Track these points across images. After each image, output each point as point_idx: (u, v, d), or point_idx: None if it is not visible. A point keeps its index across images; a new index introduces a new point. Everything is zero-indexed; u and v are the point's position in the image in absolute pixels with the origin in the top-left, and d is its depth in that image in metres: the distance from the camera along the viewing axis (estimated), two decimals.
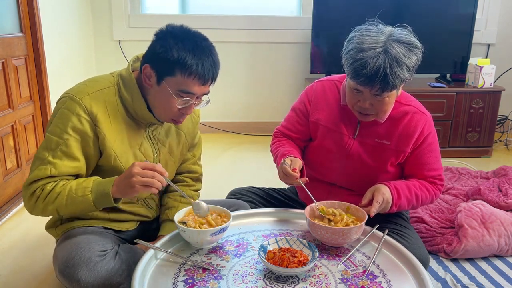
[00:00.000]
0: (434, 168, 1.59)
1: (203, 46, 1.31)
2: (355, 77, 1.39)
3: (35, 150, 2.66)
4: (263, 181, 1.75)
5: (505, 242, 1.90)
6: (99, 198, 1.30)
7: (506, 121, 3.76)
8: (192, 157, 1.66)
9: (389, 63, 1.35)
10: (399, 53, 1.37)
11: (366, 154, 1.58)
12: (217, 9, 3.76)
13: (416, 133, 1.55)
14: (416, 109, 1.57)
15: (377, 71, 1.35)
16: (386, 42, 1.38)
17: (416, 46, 1.42)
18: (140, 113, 1.39)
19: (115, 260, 1.35)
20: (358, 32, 1.44)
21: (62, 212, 1.34)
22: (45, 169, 1.31)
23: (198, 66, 1.28)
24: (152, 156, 1.48)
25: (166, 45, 1.28)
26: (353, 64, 1.39)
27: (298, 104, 1.71)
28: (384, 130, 1.55)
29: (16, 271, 1.81)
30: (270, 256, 1.24)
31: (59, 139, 1.31)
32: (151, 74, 1.33)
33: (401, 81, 1.40)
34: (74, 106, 1.32)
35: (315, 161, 1.68)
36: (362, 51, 1.38)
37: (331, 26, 3.34)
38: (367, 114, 1.48)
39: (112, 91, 1.38)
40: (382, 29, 1.43)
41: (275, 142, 1.72)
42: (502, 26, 3.70)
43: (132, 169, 1.24)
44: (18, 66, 2.48)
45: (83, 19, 3.48)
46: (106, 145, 1.35)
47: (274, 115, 3.83)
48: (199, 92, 1.34)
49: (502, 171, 2.63)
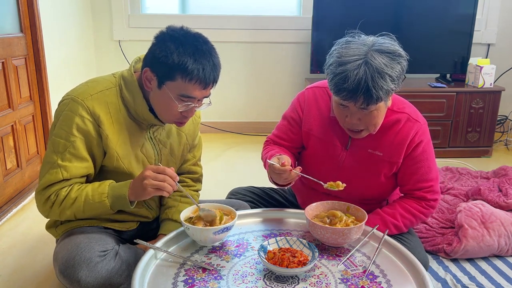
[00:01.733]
0: (426, 178, 1.53)
1: (203, 49, 1.30)
2: (337, 92, 1.34)
3: (35, 150, 2.67)
4: (263, 181, 1.75)
5: (505, 242, 1.90)
6: (115, 202, 1.33)
7: (506, 121, 3.76)
8: (192, 158, 1.66)
9: (370, 74, 1.29)
10: (381, 63, 1.31)
11: (359, 165, 1.53)
12: (217, 9, 3.76)
13: (407, 142, 1.49)
14: (409, 116, 1.51)
15: (358, 84, 1.29)
16: (367, 53, 1.32)
17: (399, 55, 1.35)
18: (141, 114, 1.39)
19: (115, 260, 1.35)
20: (338, 45, 1.39)
21: (79, 216, 1.37)
22: (56, 173, 1.32)
23: (199, 71, 1.28)
24: (153, 157, 1.48)
25: (166, 50, 1.27)
26: (334, 79, 1.34)
27: (290, 112, 1.66)
28: (377, 141, 1.51)
29: (16, 271, 1.81)
30: (270, 256, 1.24)
31: (66, 141, 1.32)
32: (151, 78, 1.32)
33: (386, 92, 1.33)
34: (76, 108, 1.32)
35: (308, 170, 1.63)
36: (342, 64, 1.32)
37: (331, 26, 3.34)
38: (357, 131, 1.44)
39: (114, 92, 1.38)
40: (364, 40, 1.38)
41: (264, 149, 1.67)
42: (502, 26, 3.70)
43: (145, 172, 1.27)
44: (18, 66, 2.48)
45: (83, 19, 3.48)
46: (109, 145, 1.36)
47: (274, 115, 3.83)
48: (200, 96, 1.34)
49: (502, 171, 2.63)
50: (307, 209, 1.41)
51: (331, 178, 1.56)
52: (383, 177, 1.55)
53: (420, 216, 1.56)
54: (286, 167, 1.39)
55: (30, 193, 2.50)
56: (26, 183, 2.55)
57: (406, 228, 1.56)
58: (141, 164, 1.46)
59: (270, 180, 1.52)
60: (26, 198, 2.46)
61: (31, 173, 2.60)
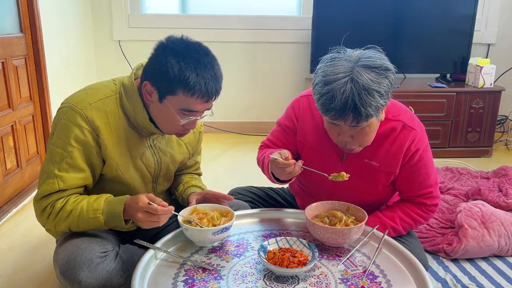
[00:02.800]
0: (425, 185, 1.51)
1: (205, 62, 1.27)
2: (325, 112, 1.31)
3: (35, 150, 2.67)
4: (263, 181, 1.75)
5: (505, 242, 1.89)
6: (110, 219, 1.31)
7: (506, 121, 3.76)
8: (195, 163, 1.68)
9: (357, 92, 1.24)
10: (368, 79, 1.25)
11: (356, 176, 1.48)
12: (217, 9, 3.76)
13: (403, 151, 1.46)
14: (404, 124, 1.46)
15: (345, 103, 1.24)
16: (353, 70, 1.27)
17: (386, 69, 1.29)
18: (141, 123, 1.37)
19: (115, 261, 1.35)
20: (323, 63, 1.33)
21: (74, 229, 1.35)
22: (52, 183, 1.31)
23: (201, 86, 1.25)
24: (153, 166, 1.47)
25: (167, 64, 1.24)
26: (321, 99, 1.29)
27: (285, 120, 1.62)
28: (372, 151, 1.47)
29: (17, 271, 1.81)
30: (270, 256, 1.24)
31: (63, 151, 1.31)
32: (152, 92, 1.30)
33: (376, 108, 1.28)
34: (75, 117, 1.30)
35: (305, 180, 1.63)
36: (327, 83, 1.27)
37: (331, 26, 3.34)
38: (351, 148, 1.41)
39: (114, 100, 1.36)
40: (349, 55, 1.32)
41: (260, 152, 1.65)
42: (502, 26, 3.70)
43: (137, 214, 1.26)
44: (18, 66, 2.48)
45: (83, 19, 3.47)
46: (108, 155, 1.35)
47: (274, 115, 3.80)
48: (202, 109, 1.32)
49: (502, 171, 2.63)
50: (307, 209, 1.41)
51: (327, 189, 1.56)
52: (380, 186, 1.53)
53: (419, 220, 1.55)
54: (290, 160, 1.36)
55: (30, 193, 2.50)
56: (26, 183, 2.55)
57: (405, 231, 1.56)
58: (139, 173, 1.45)
59: (271, 178, 1.50)
60: (26, 198, 2.46)
61: (31, 173, 2.60)
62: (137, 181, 1.44)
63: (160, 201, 1.28)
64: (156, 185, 1.54)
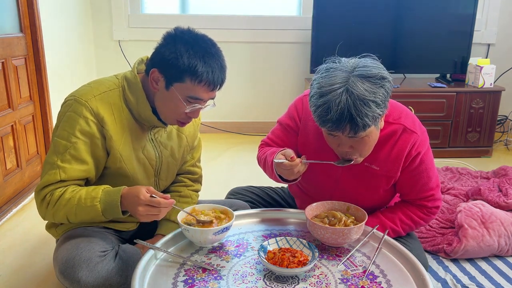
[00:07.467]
0: (426, 188, 1.50)
1: (212, 52, 1.32)
2: (322, 124, 1.29)
3: (35, 150, 2.67)
4: (262, 181, 1.75)
5: (505, 242, 1.89)
6: (108, 209, 1.31)
7: (506, 121, 3.76)
8: (191, 159, 1.66)
9: (352, 102, 1.22)
10: (363, 90, 1.23)
11: (356, 180, 1.49)
12: (217, 9, 3.76)
13: (403, 156, 1.44)
14: (405, 127, 1.44)
15: (341, 114, 1.22)
16: (348, 80, 1.24)
17: (381, 77, 1.27)
18: (144, 115, 1.39)
19: (115, 260, 1.35)
20: (318, 74, 1.32)
21: (72, 219, 1.35)
22: (54, 174, 1.31)
23: (208, 74, 1.29)
24: (154, 159, 1.48)
25: (176, 51, 1.28)
26: (317, 111, 1.27)
27: (287, 120, 1.60)
28: (373, 154, 1.44)
29: (16, 271, 1.81)
30: (270, 256, 1.24)
31: (67, 142, 1.32)
32: (159, 79, 1.33)
33: (373, 118, 1.25)
34: (80, 109, 1.32)
35: (306, 182, 1.62)
36: (323, 95, 1.26)
37: (331, 26, 3.34)
38: (351, 159, 1.39)
39: (117, 94, 1.38)
40: (344, 64, 1.29)
41: (260, 150, 1.63)
42: (502, 26, 3.70)
43: (138, 207, 1.25)
44: (18, 66, 2.48)
45: (83, 19, 3.48)
46: (113, 146, 1.36)
47: (274, 115, 3.80)
48: (207, 97, 1.35)
49: (502, 171, 2.63)
50: (307, 209, 1.41)
51: (327, 192, 1.55)
52: (381, 190, 1.52)
53: (420, 222, 1.55)
54: (296, 160, 1.36)
55: (30, 193, 2.50)
56: (26, 183, 2.55)
57: (405, 232, 1.56)
58: (142, 166, 1.45)
59: (277, 179, 1.49)
60: (26, 198, 2.46)
61: (31, 173, 2.60)
62: (140, 173, 1.45)
63: (162, 194, 1.29)
64: (158, 180, 1.54)
